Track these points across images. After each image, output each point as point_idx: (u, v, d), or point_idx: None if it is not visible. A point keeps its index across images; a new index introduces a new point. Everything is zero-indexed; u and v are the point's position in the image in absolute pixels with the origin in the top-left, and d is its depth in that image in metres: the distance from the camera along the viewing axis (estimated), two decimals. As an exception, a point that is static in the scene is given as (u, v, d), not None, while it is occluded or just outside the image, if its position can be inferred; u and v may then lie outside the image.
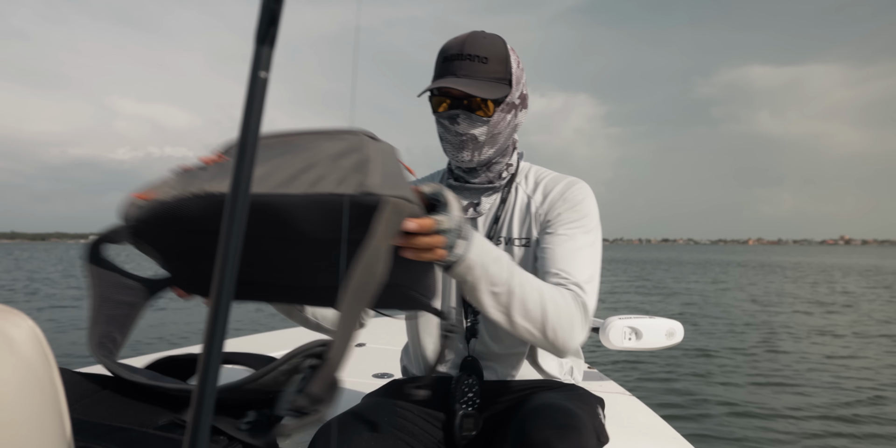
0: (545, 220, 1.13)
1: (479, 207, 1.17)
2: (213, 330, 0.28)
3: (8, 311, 0.40)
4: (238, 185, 0.28)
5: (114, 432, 0.57)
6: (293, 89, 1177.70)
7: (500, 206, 1.17)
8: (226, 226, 0.28)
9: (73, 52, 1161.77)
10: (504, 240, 1.15)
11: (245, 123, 0.28)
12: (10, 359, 0.37)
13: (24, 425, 0.36)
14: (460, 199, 1.19)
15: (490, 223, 1.17)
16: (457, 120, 1.08)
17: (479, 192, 1.18)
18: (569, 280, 1.01)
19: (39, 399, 0.38)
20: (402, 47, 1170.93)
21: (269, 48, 0.28)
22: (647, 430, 1.51)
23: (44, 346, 0.40)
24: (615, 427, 1.52)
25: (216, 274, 0.28)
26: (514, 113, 1.12)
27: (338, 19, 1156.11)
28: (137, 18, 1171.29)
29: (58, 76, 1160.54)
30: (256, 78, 0.28)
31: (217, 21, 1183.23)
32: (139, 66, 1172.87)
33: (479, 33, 1.09)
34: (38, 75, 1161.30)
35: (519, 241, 1.14)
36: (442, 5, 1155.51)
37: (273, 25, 0.28)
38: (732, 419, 3.96)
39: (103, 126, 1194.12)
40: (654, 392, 4.62)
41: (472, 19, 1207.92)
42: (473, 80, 1.05)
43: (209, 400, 0.29)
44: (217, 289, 0.28)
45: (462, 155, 1.11)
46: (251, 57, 0.27)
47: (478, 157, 1.11)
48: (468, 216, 1.17)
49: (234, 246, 0.28)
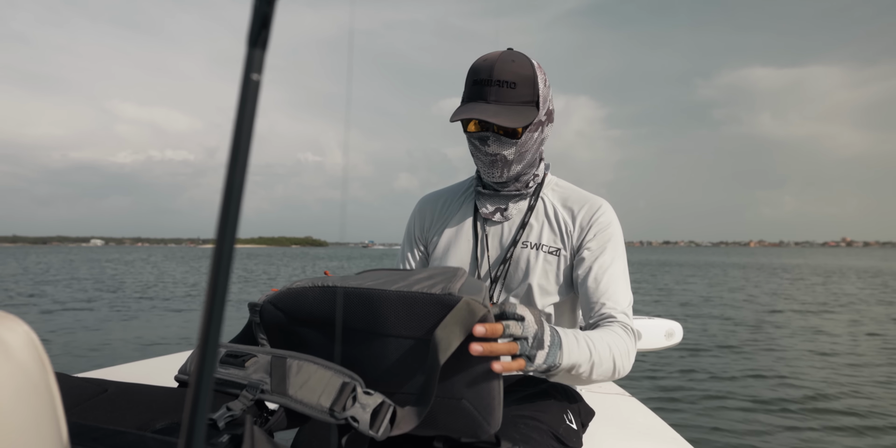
0: (578, 244, 1.21)
1: (506, 212, 1.25)
2: (208, 332, 0.28)
3: (2, 316, 0.40)
4: (231, 188, 0.28)
5: (111, 436, 0.57)
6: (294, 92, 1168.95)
7: (527, 213, 1.25)
8: (219, 232, 0.28)
9: (73, 55, 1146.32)
10: (531, 245, 1.22)
11: (238, 126, 0.28)
12: (6, 364, 0.37)
13: (20, 431, 0.36)
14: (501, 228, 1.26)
15: (517, 228, 1.24)
16: (487, 142, 1.15)
17: (507, 198, 1.25)
18: (615, 309, 1.13)
19: (35, 404, 0.38)
20: (403, 50, 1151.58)
21: (262, 50, 0.28)
22: (647, 431, 1.51)
23: (39, 351, 0.40)
24: (614, 428, 1.52)
25: (210, 273, 0.28)
26: (540, 130, 1.18)
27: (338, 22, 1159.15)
28: (138, 22, 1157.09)
29: (59, 80, 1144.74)
30: (249, 80, 0.28)
31: (218, 24, 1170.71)
32: (140, 70, 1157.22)
33: (508, 56, 1.13)
34: (39, 79, 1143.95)
35: (547, 248, 1.22)
36: (442, 8, 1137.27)
37: (265, 28, 0.28)
38: (729, 414, 3.97)
39: (104, 130, 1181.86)
40: (653, 392, 4.61)
41: (472, 22, 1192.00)
42: (502, 105, 1.10)
43: (203, 403, 0.29)
44: (211, 290, 0.28)
45: (493, 172, 1.19)
46: (243, 59, 0.27)
47: (507, 173, 1.20)
48: (495, 220, 1.25)
49: (227, 248, 0.28)
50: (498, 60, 1.11)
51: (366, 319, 0.80)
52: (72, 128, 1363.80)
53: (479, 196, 1.28)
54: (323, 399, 0.71)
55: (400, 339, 0.79)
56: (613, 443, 1.40)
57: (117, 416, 0.66)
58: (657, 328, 2.06)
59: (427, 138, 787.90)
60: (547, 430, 0.98)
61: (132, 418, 0.65)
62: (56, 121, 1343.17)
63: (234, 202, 0.27)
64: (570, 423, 1.08)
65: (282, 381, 0.73)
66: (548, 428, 0.98)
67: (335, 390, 0.71)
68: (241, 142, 0.27)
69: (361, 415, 0.70)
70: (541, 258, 1.21)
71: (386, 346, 0.80)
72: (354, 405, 0.70)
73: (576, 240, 1.21)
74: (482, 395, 0.77)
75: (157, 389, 0.76)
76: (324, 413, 0.70)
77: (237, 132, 0.27)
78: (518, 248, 1.22)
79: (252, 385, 0.74)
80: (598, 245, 1.19)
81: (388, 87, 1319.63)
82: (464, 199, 1.33)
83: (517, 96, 1.11)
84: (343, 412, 0.70)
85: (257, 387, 0.73)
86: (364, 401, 0.71)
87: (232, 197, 0.27)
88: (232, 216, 0.27)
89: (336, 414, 0.70)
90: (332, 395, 0.71)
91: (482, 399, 0.77)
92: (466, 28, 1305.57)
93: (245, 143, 0.27)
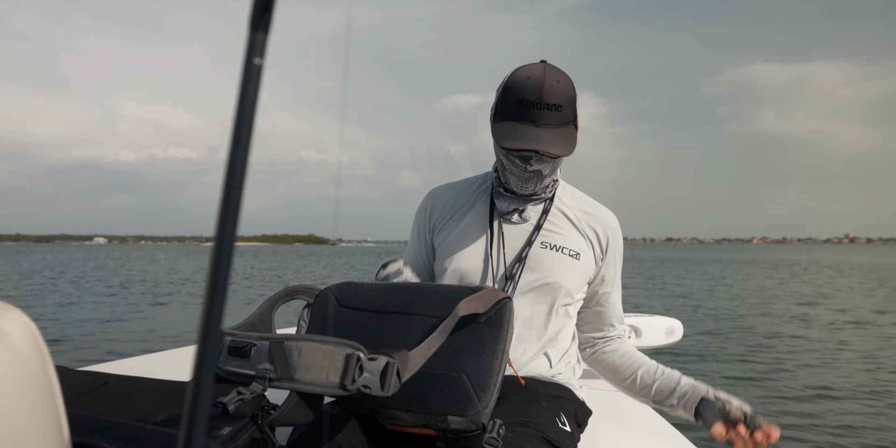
0: (601, 259, 1.30)
1: (524, 214, 1.27)
2: (209, 324, 0.28)
3: (2, 307, 0.39)
4: (233, 173, 0.27)
5: (112, 427, 0.57)
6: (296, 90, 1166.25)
7: (543, 215, 1.27)
8: (220, 217, 0.27)
9: (74, 53, 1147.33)
10: (550, 246, 1.25)
11: (240, 110, 0.27)
12: (5, 355, 0.36)
13: (20, 421, 0.36)
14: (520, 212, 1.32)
15: (533, 230, 1.27)
16: (530, 161, 1.16)
17: (526, 200, 1.27)
18: (620, 320, 1.34)
19: (35, 395, 0.38)
20: (405, 47, 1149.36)
21: (264, 34, 0.27)
22: (648, 428, 1.51)
23: (39, 342, 0.40)
24: (615, 425, 1.52)
25: (210, 265, 0.27)
26: None
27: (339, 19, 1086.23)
28: (139, 19, 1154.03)
29: (60, 78, 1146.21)
30: (251, 64, 0.27)
31: (219, 21, 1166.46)
32: (141, 68, 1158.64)
33: (553, 75, 1.12)
34: (40, 77, 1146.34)
35: (569, 251, 1.25)
36: (445, 4, 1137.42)
37: (267, 11, 0.27)
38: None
39: (106, 128, 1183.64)
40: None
41: (475, 18, 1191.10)
42: (550, 128, 1.12)
43: (204, 393, 0.28)
44: (212, 280, 0.27)
45: (527, 186, 1.22)
46: (245, 43, 0.27)
47: (540, 186, 1.23)
48: (513, 221, 1.28)
49: (229, 235, 0.27)
50: (545, 80, 1.10)
51: (403, 303, 0.93)
52: (74, 126, 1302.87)
53: (498, 195, 1.28)
54: (331, 375, 0.72)
55: (427, 318, 0.90)
56: (614, 440, 1.40)
57: (118, 408, 0.66)
58: (658, 326, 2.06)
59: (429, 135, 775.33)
60: (538, 435, 0.97)
61: (133, 410, 0.65)
62: (58, 119, 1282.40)
63: (235, 190, 0.27)
64: (562, 425, 1.07)
65: (286, 366, 0.73)
66: (538, 433, 0.98)
67: (341, 364, 0.73)
68: (244, 126, 0.27)
69: (371, 381, 0.72)
70: (562, 260, 1.23)
71: (412, 324, 0.90)
72: (363, 374, 0.72)
73: (596, 248, 1.29)
74: (481, 371, 0.83)
75: (158, 382, 0.76)
76: (335, 388, 0.72)
77: (239, 116, 0.26)
78: (536, 249, 1.24)
79: (259, 375, 0.74)
80: (612, 259, 1.30)
81: (389, 85, 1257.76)
82: (478, 195, 1.34)
83: (562, 118, 1.12)
84: (353, 384, 0.72)
85: (265, 376, 0.74)
86: (370, 367, 0.73)
87: (234, 184, 0.26)
88: (233, 204, 0.27)
89: (348, 387, 0.72)
90: (339, 370, 0.72)
91: (480, 375, 0.83)
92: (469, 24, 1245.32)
93: (248, 127, 0.26)
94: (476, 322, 0.87)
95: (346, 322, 0.97)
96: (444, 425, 0.85)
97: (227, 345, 0.79)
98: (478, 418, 0.83)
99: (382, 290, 0.98)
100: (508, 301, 0.90)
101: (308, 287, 1.04)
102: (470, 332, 0.86)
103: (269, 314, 1.01)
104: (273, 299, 1.03)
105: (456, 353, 0.85)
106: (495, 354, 0.84)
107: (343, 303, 0.99)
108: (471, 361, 0.84)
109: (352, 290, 1.00)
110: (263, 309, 1.02)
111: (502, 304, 0.89)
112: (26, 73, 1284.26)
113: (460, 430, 0.87)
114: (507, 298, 0.90)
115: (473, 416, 0.82)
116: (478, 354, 0.85)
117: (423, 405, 0.84)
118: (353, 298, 0.99)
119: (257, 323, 1.00)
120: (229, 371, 0.77)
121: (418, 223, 1.40)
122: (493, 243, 1.25)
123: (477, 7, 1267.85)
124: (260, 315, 1.01)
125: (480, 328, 0.86)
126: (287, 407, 0.76)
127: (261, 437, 0.71)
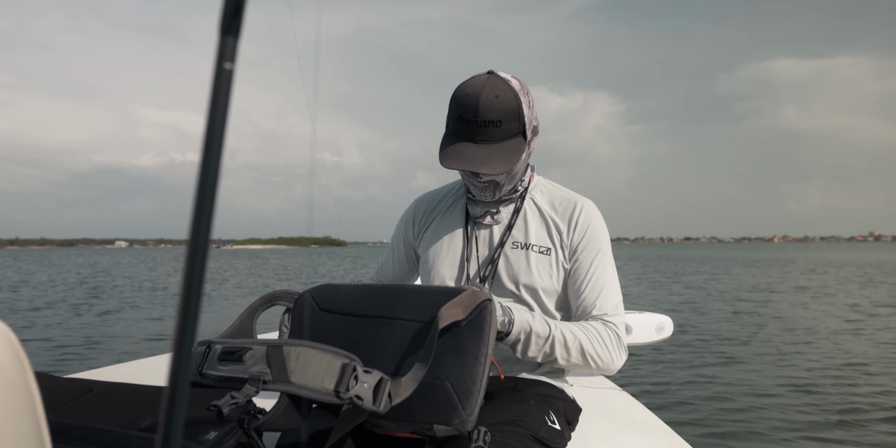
0: (568, 245, 1.24)
1: (496, 216, 1.27)
2: (184, 327, 0.28)
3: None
4: (205, 178, 0.27)
5: (96, 434, 0.56)
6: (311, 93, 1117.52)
7: (514, 215, 1.27)
8: (193, 223, 0.27)
9: (96, 61, 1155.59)
10: (520, 245, 1.24)
11: (211, 116, 0.27)
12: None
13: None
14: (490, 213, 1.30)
15: (504, 230, 1.27)
16: (479, 175, 1.17)
17: (497, 203, 1.27)
18: (600, 311, 1.18)
19: (13, 403, 0.38)
20: (420, 49, 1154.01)
21: (234, 39, 0.27)
22: (640, 426, 1.51)
23: (17, 349, 0.40)
24: (606, 422, 1.52)
25: (184, 270, 0.27)
26: (527, 150, 1.18)
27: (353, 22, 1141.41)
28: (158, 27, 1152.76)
29: (82, 85, 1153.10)
30: (221, 69, 0.27)
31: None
32: (160, 74, 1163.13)
33: (491, 89, 1.10)
34: (63, 85, 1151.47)
35: (538, 248, 1.24)
36: (459, 5, 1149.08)
37: (237, 16, 0.27)
38: (722, 412, 3.99)
39: (127, 133, 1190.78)
40: (645, 386, 4.63)
41: (489, 19, 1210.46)
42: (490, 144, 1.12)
43: (180, 400, 0.28)
44: (186, 285, 0.27)
45: (485, 195, 1.23)
46: (216, 48, 0.27)
47: (499, 194, 1.23)
48: (485, 223, 1.28)
49: (202, 240, 0.27)
50: (482, 96, 1.08)
51: (383, 306, 0.93)
52: (96, 132, 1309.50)
53: (470, 200, 1.30)
54: (326, 381, 0.73)
55: (408, 322, 0.90)
56: (605, 437, 1.40)
57: (103, 414, 0.66)
58: (648, 322, 2.07)
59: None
60: (527, 433, 0.98)
61: (118, 417, 0.65)
62: (80, 125, 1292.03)
63: (208, 195, 0.27)
64: (552, 423, 1.07)
65: (282, 369, 0.74)
66: (527, 432, 0.98)
67: (336, 372, 0.74)
68: (215, 131, 0.27)
69: (364, 392, 0.74)
70: (532, 258, 1.22)
71: (393, 329, 0.90)
72: (357, 384, 0.74)
73: (565, 240, 1.24)
74: (465, 378, 0.83)
75: (143, 388, 0.75)
76: (329, 395, 0.73)
77: (211, 122, 0.26)
78: (507, 249, 1.24)
79: (253, 377, 0.75)
80: (583, 248, 1.23)
81: (403, 87, 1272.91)
82: (454, 200, 1.36)
83: (503, 133, 1.11)
84: (347, 392, 0.73)
85: (259, 379, 0.74)
86: (364, 379, 0.74)
87: (206, 189, 0.26)
88: (207, 209, 0.27)
89: (341, 395, 0.73)
90: (334, 377, 0.73)
91: (464, 382, 0.83)
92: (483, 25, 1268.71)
93: (219, 132, 0.26)
94: (457, 326, 0.86)
95: (327, 327, 0.96)
96: (431, 433, 0.85)
97: (219, 351, 0.79)
98: (463, 426, 0.82)
99: (361, 293, 0.97)
100: (489, 303, 0.89)
101: (287, 292, 1.03)
102: (451, 338, 0.85)
103: (249, 323, 1.00)
104: (253, 307, 1.02)
105: (438, 360, 0.85)
106: (478, 359, 0.83)
107: (323, 306, 0.98)
108: (454, 368, 0.84)
109: (330, 292, 1.00)
110: (244, 318, 1.01)
111: (482, 307, 0.88)
112: (49, 80, 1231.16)
113: (447, 437, 0.87)
114: (486, 301, 0.89)
115: (459, 424, 0.82)
116: (460, 360, 0.84)
117: (408, 414, 0.84)
118: (333, 302, 0.98)
119: (237, 332, 0.99)
120: (218, 376, 0.77)
121: (403, 231, 1.42)
122: (467, 247, 1.27)
123: (490, 8, 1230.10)
124: (240, 325, 1.00)
125: (461, 333, 0.85)
126: (276, 412, 0.75)
127: (247, 441, 0.71)
